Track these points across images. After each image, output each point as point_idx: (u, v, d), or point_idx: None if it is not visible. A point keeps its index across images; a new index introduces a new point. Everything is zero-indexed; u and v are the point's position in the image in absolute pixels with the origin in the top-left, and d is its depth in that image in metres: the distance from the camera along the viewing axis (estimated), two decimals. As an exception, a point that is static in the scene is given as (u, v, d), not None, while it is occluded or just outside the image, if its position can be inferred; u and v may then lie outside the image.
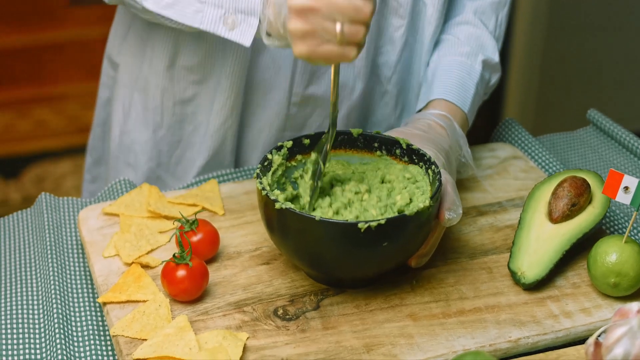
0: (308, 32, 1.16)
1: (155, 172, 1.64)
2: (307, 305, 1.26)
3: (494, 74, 1.56)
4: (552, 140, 1.71)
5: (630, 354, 1.10)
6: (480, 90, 1.52)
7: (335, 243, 1.20)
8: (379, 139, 1.35)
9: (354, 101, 1.57)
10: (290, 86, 1.53)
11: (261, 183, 1.24)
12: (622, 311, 1.15)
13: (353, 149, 1.36)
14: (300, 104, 1.55)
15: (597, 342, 1.14)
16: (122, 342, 1.19)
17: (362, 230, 1.17)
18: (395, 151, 1.34)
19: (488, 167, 1.55)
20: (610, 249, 1.27)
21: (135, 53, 1.59)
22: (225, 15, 1.30)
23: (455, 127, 1.43)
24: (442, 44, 1.55)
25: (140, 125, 1.61)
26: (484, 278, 1.31)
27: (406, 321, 1.24)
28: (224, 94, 1.52)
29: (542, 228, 1.33)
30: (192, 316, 1.23)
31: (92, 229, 1.39)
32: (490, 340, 1.21)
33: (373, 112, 1.62)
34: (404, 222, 1.19)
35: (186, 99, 1.56)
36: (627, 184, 1.24)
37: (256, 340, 1.20)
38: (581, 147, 1.69)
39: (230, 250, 1.35)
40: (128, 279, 1.28)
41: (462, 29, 1.55)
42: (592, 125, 1.74)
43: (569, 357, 1.17)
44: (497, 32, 1.57)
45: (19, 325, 1.26)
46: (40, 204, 1.47)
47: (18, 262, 1.38)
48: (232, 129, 1.56)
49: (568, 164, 1.64)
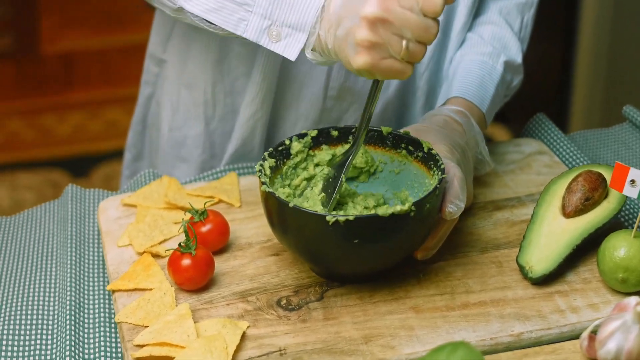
0: (375, 43, 1.16)
1: (209, 163, 1.66)
2: (310, 296, 1.26)
3: (516, 76, 1.55)
4: (584, 136, 1.68)
5: (624, 348, 1.09)
6: (500, 91, 1.51)
7: (312, 234, 1.21)
8: (407, 140, 1.34)
9: (389, 96, 1.57)
10: (327, 79, 1.54)
11: (261, 171, 1.26)
12: (620, 305, 1.13)
13: (381, 147, 1.36)
14: (336, 97, 1.56)
15: (591, 336, 1.13)
16: (125, 328, 1.22)
17: (330, 223, 1.17)
18: (417, 154, 1.33)
19: (511, 162, 1.53)
20: (618, 244, 1.24)
21: (180, 50, 1.62)
22: (272, 27, 1.29)
23: (473, 123, 1.43)
24: (465, 42, 1.55)
25: (191, 119, 1.64)
26: (492, 272, 1.30)
27: (408, 313, 1.23)
28: (255, 87, 1.54)
29: (554, 222, 1.32)
30: (196, 305, 1.25)
31: (110, 219, 1.42)
32: (491, 334, 1.20)
33: (408, 109, 1.62)
34: (375, 222, 1.19)
35: (236, 90, 1.59)
36: (633, 177, 1.22)
37: (256, 329, 1.21)
38: (614, 143, 1.67)
39: (242, 242, 1.36)
40: (138, 267, 1.30)
41: (486, 28, 1.54)
42: (628, 122, 1.71)
43: (565, 351, 1.16)
44: (523, 33, 1.56)
45: (33, 311, 1.30)
46: (67, 195, 1.51)
47: (40, 251, 1.42)
48: (261, 121, 1.57)
49: (598, 161, 1.61)
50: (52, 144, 3.63)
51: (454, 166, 1.30)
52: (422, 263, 1.31)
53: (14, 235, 1.46)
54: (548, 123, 1.63)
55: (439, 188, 1.23)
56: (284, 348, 1.18)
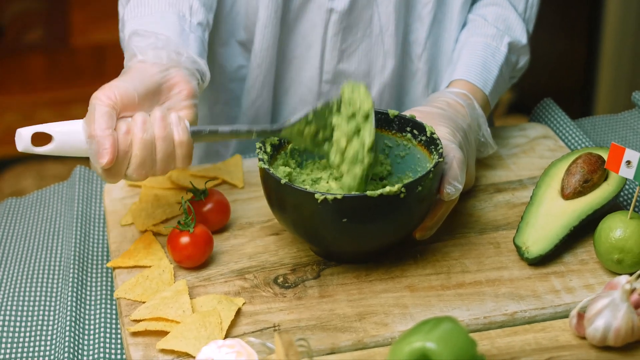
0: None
1: (214, 146, 1.68)
2: (307, 274, 1.28)
3: (522, 57, 1.55)
4: (593, 122, 1.68)
5: (612, 325, 1.09)
6: (505, 73, 1.51)
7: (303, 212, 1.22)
8: (412, 123, 1.35)
9: (386, 79, 1.57)
10: (320, 63, 1.55)
11: (261, 148, 1.28)
12: (611, 284, 1.14)
13: (388, 130, 1.37)
14: (332, 81, 1.57)
15: (580, 314, 1.13)
16: (123, 304, 1.24)
17: (319, 201, 1.18)
18: (421, 138, 1.33)
19: (515, 146, 1.54)
20: (614, 225, 1.24)
21: None
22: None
23: (475, 106, 1.43)
24: (468, 24, 1.55)
25: (200, 99, 1.66)
26: (490, 253, 1.31)
27: (403, 292, 1.24)
28: (254, 72, 1.56)
29: (552, 204, 1.32)
30: (194, 282, 1.27)
31: (115, 199, 1.44)
32: (485, 312, 1.21)
33: (407, 92, 1.62)
34: (364, 202, 1.19)
35: (238, 77, 1.61)
36: (629, 157, 1.22)
37: (252, 306, 1.22)
38: (623, 129, 1.66)
39: (243, 221, 1.38)
40: (139, 245, 1.32)
41: (490, 10, 1.55)
42: (637, 108, 1.71)
43: (555, 329, 1.16)
44: (528, 13, 1.56)
45: (37, 288, 1.32)
46: (75, 176, 1.53)
47: (47, 231, 1.45)
48: (263, 107, 1.59)
49: (604, 145, 1.61)
50: (80, 134, 3.66)
51: (455, 148, 1.30)
52: (420, 243, 1.32)
53: (22, 216, 1.49)
54: (555, 108, 1.63)
55: (433, 172, 1.23)
56: (278, 324, 1.20)
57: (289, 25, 1.54)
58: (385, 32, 1.53)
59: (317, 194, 1.18)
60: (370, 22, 1.53)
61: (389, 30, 1.53)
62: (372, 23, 1.53)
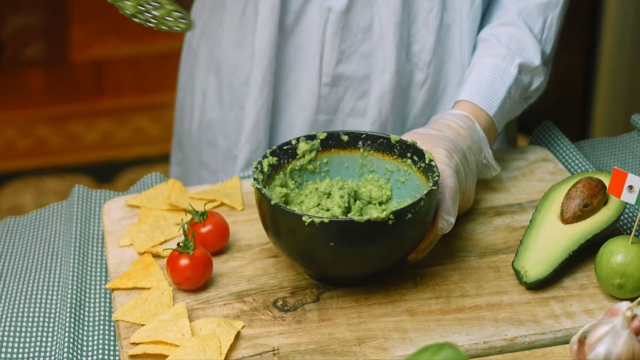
0: None
1: (232, 151, 1.69)
2: (307, 298, 1.27)
3: (536, 78, 1.53)
4: (592, 145, 1.68)
5: (612, 352, 1.09)
6: (514, 94, 1.49)
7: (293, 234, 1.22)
8: (413, 149, 1.34)
9: (385, 85, 1.56)
10: (319, 65, 1.56)
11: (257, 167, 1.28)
12: (611, 310, 1.13)
13: (389, 154, 1.36)
14: (331, 84, 1.57)
15: (581, 340, 1.13)
16: (122, 326, 1.23)
17: (306, 224, 1.18)
18: (420, 164, 1.33)
19: (515, 169, 1.53)
20: (616, 249, 1.24)
21: (210, 37, 1.67)
22: None
23: (477, 128, 1.43)
24: (481, 44, 1.54)
25: (216, 103, 1.68)
26: (489, 277, 1.31)
27: (403, 316, 1.24)
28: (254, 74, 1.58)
29: (552, 228, 1.32)
30: (193, 304, 1.26)
31: (114, 219, 1.44)
32: (485, 337, 1.20)
33: (408, 101, 1.61)
34: (350, 227, 1.19)
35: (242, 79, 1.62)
36: (631, 182, 1.22)
37: (251, 329, 1.22)
38: (622, 152, 1.66)
39: (242, 243, 1.38)
40: (137, 267, 1.32)
41: (504, 30, 1.53)
42: (636, 131, 1.71)
43: (556, 355, 1.16)
44: (545, 34, 1.54)
45: (35, 308, 1.32)
46: (73, 195, 1.53)
47: (45, 250, 1.44)
48: (262, 111, 1.60)
49: (604, 169, 1.61)
50: (79, 150, 3.66)
51: (450, 175, 1.30)
52: (419, 267, 1.32)
53: (21, 235, 1.48)
54: (555, 130, 1.63)
55: (425, 200, 1.23)
56: (277, 348, 1.19)
57: (285, 30, 1.55)
58: (385, 36, 1.53)
59: (304, 217, 1.18)
60: (370, 24, 1.53)
61: (389, 34, 1.52)
62: (372, 26, 1.53)
